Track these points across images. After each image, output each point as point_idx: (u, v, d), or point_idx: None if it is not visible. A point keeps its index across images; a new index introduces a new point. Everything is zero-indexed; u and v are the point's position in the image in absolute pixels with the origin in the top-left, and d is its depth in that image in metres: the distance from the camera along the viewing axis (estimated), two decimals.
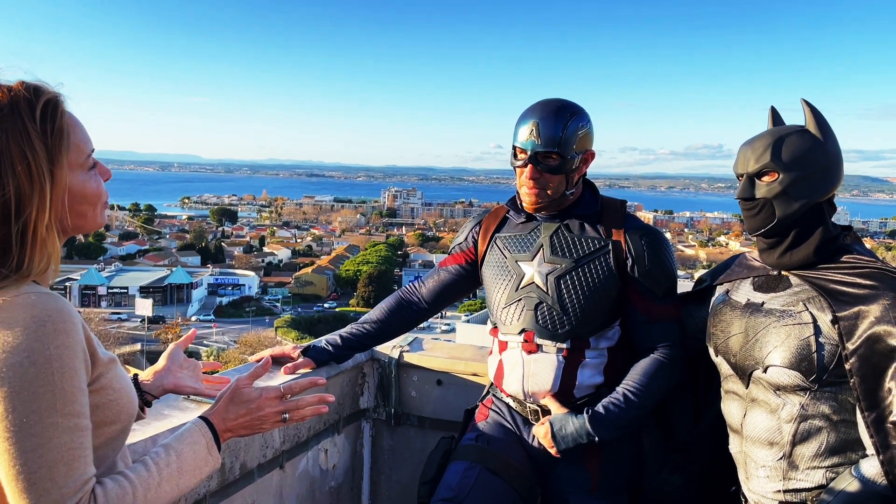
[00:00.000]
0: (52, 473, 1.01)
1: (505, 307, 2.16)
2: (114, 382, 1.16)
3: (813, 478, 1.69)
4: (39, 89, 1.12)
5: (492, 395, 2.32)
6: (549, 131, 2.03)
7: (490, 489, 2.05)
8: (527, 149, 2.06)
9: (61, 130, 1.11)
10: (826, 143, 1.75)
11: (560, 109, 2.06)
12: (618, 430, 2.01)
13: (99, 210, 1.20)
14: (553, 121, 2.04)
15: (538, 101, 2.13)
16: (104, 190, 1.21)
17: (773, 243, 1.81)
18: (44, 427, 1.01)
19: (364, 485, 2.84)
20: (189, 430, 1.27)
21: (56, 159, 1.10)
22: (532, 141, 2.04)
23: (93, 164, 1.19)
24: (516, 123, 2.11)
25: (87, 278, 68.32)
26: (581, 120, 2.08)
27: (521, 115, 2.10)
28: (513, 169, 2.15)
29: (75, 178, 1.15)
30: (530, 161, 2.06)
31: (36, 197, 1.07)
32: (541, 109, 2.07)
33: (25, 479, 1.00)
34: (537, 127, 2.04)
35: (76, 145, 1.15)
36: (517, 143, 2.09)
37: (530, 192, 2.10)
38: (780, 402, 1.72)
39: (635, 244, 2.09)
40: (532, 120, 2.06)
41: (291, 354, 2.38)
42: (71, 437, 1.03)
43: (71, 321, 1.06)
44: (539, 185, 2.08)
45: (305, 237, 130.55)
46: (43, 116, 1.10)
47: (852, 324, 1.63)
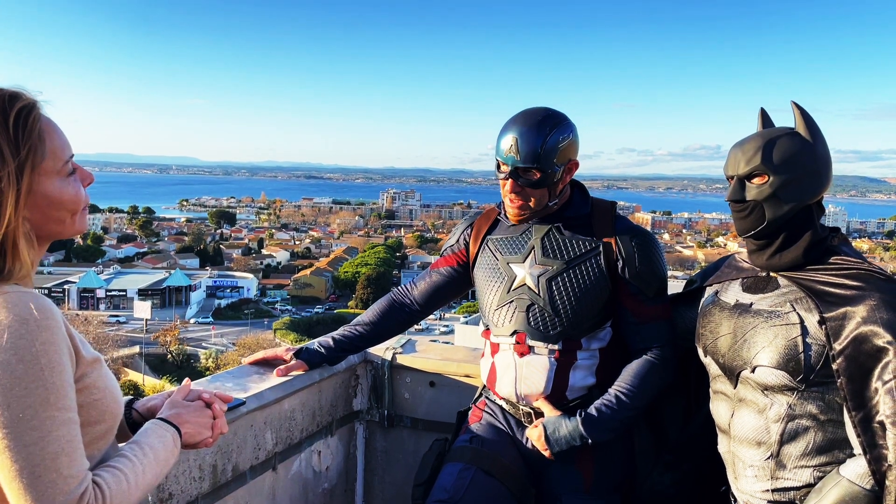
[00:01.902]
0: (56, 465, 1.02)
1: (497, 309, 2.17)
2: (98, 382, 1.17)
3: (800, 477, 1.70)
4: (15, 97, 1.13)
5: (484, 397, 2.32)
6: (528, 146, 2.00)
7: (484, 490, 2.05)
8: (507, 163, 2.04)
9: (33, 138, 1.11)
10: (815, 146, 1.76)
11: (540, 123, 2.02)
12: (611, 431, 2.02)
13: (78, 216, 1.21)
14: (533, 135, 2.00)
15: (520, 112, 2.08)
16: (83, 196, 1.22)
17: (762, 245, 1.82)
18: (41, 421, 1.02)
19: (358, 487, 2.85)
20: (153, 428, 1.29)
21: (28, 166, 1.10)
22: (511, 156, 2.02)
23: (72, 169, 1.19)
24: (498, 135, 2.07)
25: (86, 281, 68.24)
26: (562, 131, 2.03)
27: (502, 127, 2.07)
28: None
29: (52, 185, 1.15)
30: (511, 176, 2.05)
31: (8, 205, 1.07)
32: (521, 123, 2.03)
33: (29, 473, 1.00)
34: (517, 142, 2.01)
35: (52, 151, 1.15)
36: (498, 157, 2.07)
37: (512, 205, 2.11)
38: (768, 402, 1.73)
39: (626, 245, 2.09)
40: (511, 134, 2.02)
41: (284, 357, 2.39)
42: (68, 430, 1.05)
43: (53, 318, 1.07)
44: (521, 199, 2.08)
45: (304, 239, 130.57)
46: (16, 123, 1.10)
47: (839, 324, 1.63)
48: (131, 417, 1.45)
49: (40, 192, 1.13)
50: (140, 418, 1.44)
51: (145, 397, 1.54)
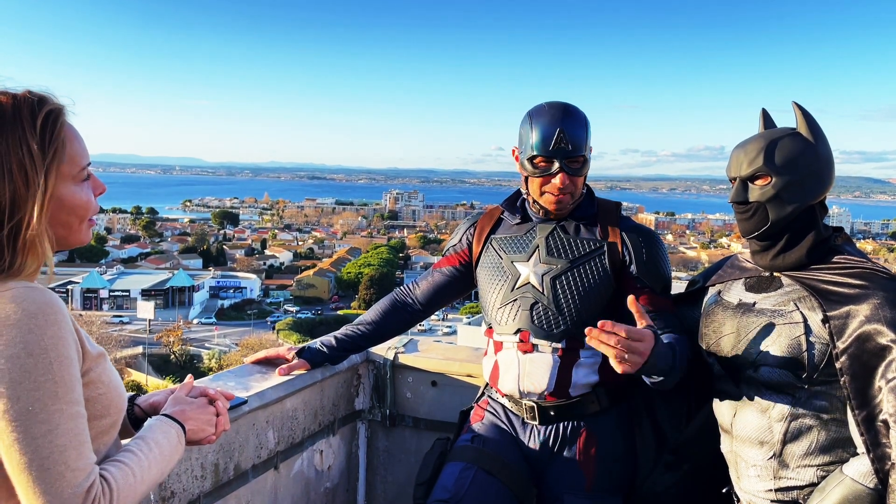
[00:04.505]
0: (64, 457, 1.03)
1: (500, 307, 2.17)
2: (103, 377, 1.19)
3: (804, 476, 1.70)
4: (44, 100, 1.16)
5: (487, 396, 2.32)
6: (576, 136, 2.05)
7: (486, 490, 2.05)
8: (556, 157, 2.05)
9: (59, 141, 1.15)
10: (818, 146, 1.76)
11: (574, 112, 2.09)
12: (665, 371, 1.79)
13: (85, 224, 1.23)
14: (577, 124, 2.07)
15: (547, 107, 2.10)
16: (94, 204, 1.24)
17: (766, 246, 1.82)
18: (50, 414, 1.03)
19: (359, 486, 2.85)
20: (157, 424, 1.30)
21: (50, 168, 1.13)
22: (562, 148, 2.05)
23: (86, 176, 1.22)
24: (532, 132, 2.07)
25: (89, 281, 68.33)
26: (587, 119, 2.12)
27: (536, 124, 2.07)
28: (524, 177, 2.14)
29: (66, 189, 1.18)
30: (562, 169, 2.07)
31: (29, 202, 1.10)
32: (560, 114, 2.07)
33: (39, 465, 1.01)
34: (565, 134, 2.04)
35: (71, 157, 1.18)
36: (539, 153, 2.06)
37: (560, 198, 2.10)
38: (771, 402, 1.73)
39: (632, 243, 2.11)
40: (556, 127, 2.05)
41: (286, 356, 2.39)
42: (76, 423, 1.06)
43: (61, 313, 1.09)
44: (567, 191, 2.09)
45: (307, 240, 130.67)
46: (43, 126, 1.14)
47: (843, 323, 1.63)
48: (133, 413, 1.46)
49: (54, 195, 1.15)
50: (142, 414, 1.45)
51: (147, 393, 1.55)
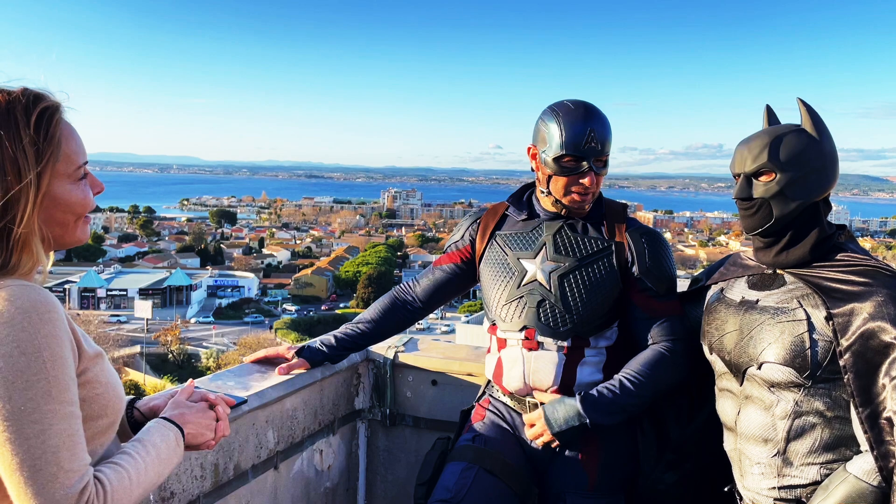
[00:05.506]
0: (56, 458, 1.02)
1: (505, 304, 2.16)
2: (100, 377, 1.17)
3: (807, 474, 1.69)
4: (39, 97, 1.15)
5: (488, 394, 2.31)
6: (603, 136, 2.08)
7: (487, 490, 2.04)
8: (587, 156, 2.05)
9: (54, 139, 1.14)
10: (822, 142, 1.75)
11: (600, 111, 2.10)
12: (611, 415, 1.98)
13: (81, 222, 1.22)
14: (604, 124, 2.09)
15: (573, 106, 2.09)
16: (91, 201, 1.23)
17: (769, 242, 1.81)
18: (42, 414, 1.02)
19: (360, 485, 2.84)
20: (156, 427, 1.29)
21: (44, 166, 1.12)
22: (592, 147, 2.05)
23: (83, 174, 1.21)
24: (561, 131, 2.05)
25: (86, 280, 68.21)
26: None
27: (565, 123, 2.06)
28: (546, 176, 2.12)
29: (61, 187, 1.16)
30: (591, 168, 2.07)
31: (21, 199, 1.09)
32: (589, 114, 2.08)
33: (30, 466, 1.00)
34: (596, 133, 2.05)
35: (67, 155, 1.17)
36: (570, 152, 2.05)
37: (585, 197, 2.11)
38: (775, 399, 1.72)
39: (637, 244, 2.11)
40: (588, 126, 2.05)
41: (286, 355, 2.38)
42: (69, 424, 1.05)
43: (56, 311, 1.07)
44: (591, 190, 2.10)
45: (305, 238, 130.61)
46: (38, 123, 1.12)
47: (846, 320, 1.63)
48: (133, 417, 1.44)
49: (49, 193, 1.14)
50: (142, 418, 1.44)
51: (147, 396, 1.53)
